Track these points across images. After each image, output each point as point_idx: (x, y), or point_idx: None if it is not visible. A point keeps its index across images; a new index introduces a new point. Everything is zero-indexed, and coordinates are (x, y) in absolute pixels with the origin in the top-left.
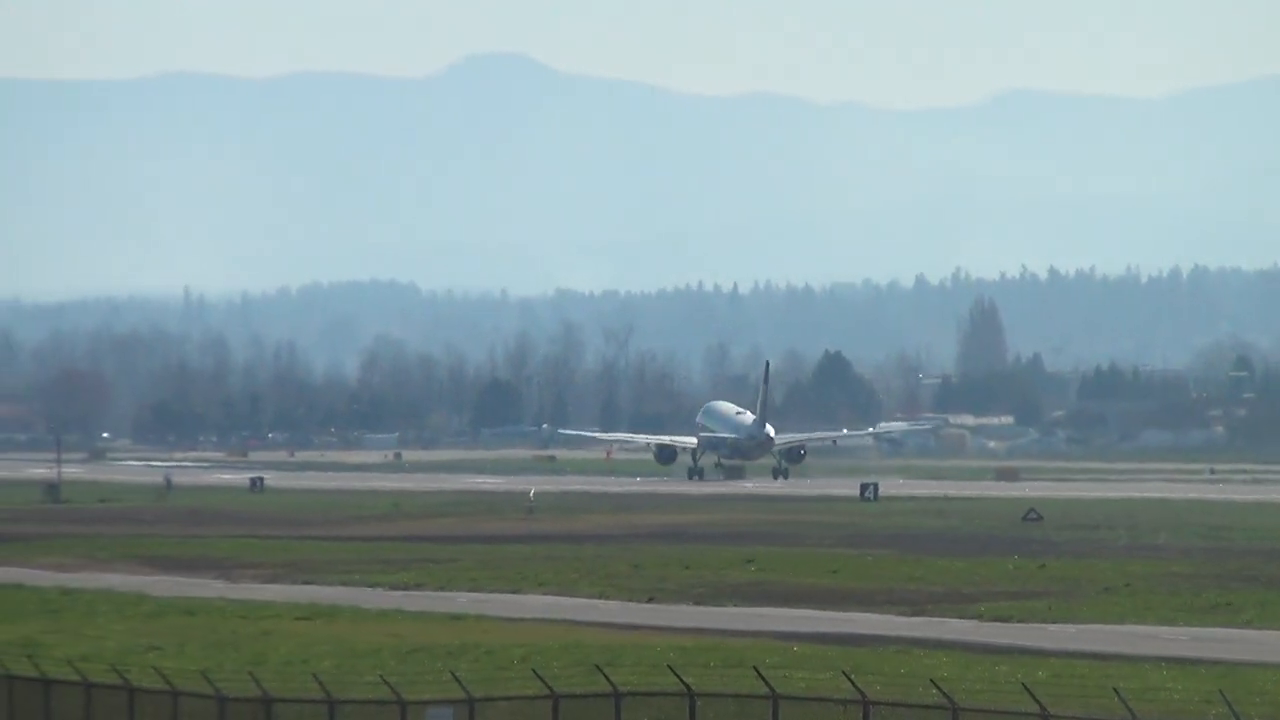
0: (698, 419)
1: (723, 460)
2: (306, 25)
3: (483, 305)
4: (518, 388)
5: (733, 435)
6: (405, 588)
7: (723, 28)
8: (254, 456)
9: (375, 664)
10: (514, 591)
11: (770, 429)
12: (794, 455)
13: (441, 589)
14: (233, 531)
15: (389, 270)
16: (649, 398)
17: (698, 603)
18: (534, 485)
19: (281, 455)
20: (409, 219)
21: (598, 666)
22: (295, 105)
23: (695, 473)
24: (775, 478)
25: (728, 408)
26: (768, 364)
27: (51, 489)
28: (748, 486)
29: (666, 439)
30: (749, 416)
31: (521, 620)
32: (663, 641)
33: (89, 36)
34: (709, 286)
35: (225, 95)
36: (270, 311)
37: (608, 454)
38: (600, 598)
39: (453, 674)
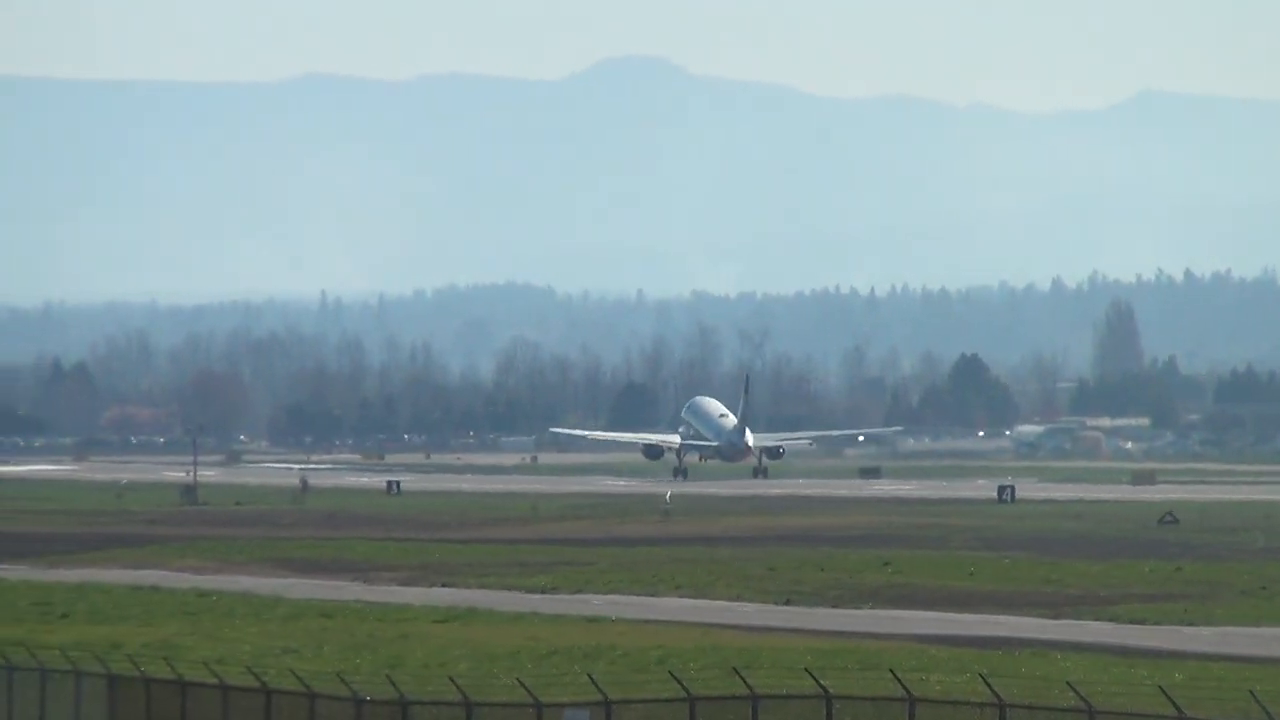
0: (683, 414)
1: (704, 459)
2: (444, 27)
3: (619, 308)
4: (653, 390)
5: (714, 440)
6: (542, 590)
7: (860, 30)
8: (390, 459)
9: (512, 666)
10: (650, 594)
11: (749, 436)
12: (773, 454)
13: (578, 591)
14: (369, 534)
15: (525, 273)
16: (785, 401)
17: (834, 605)
18: (670, 488)
19: (418, 458)
20: (545, 221)
21: (734, 669)
22: (433, 108)
23: (680, 471)
24: (755, 475)
25: (712, 407)
26: (747, 377)
27: (188, 491)
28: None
29: (654, 438)
30: (731, 420)
31: (657, 622)
32: (799, 644)
33: (228, 39)
34: (845, 289)
35: (363, 98)
36: (406, 314)
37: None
38: (736, 600)
39: (589, 676)
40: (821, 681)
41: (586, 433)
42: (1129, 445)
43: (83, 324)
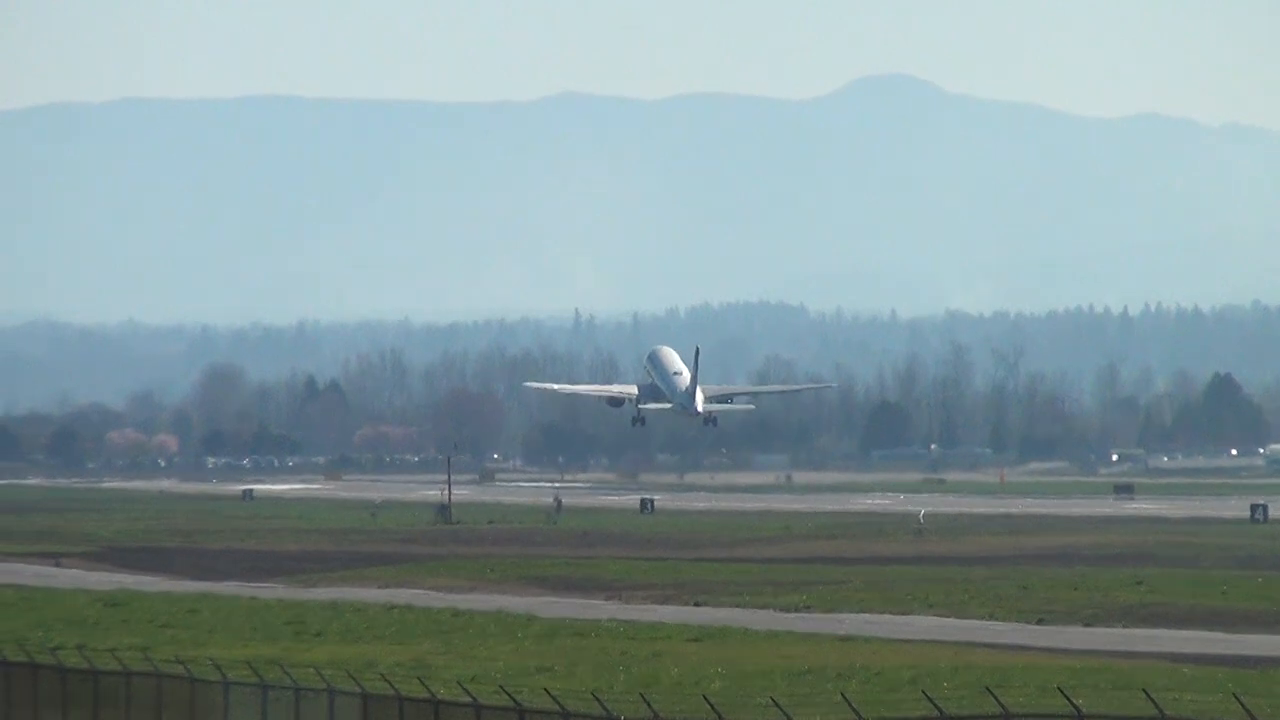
0: (644, 363)
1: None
2: (699, 48)
3: (872, 327)
4: (907, 409)
5: (668, 398)
6: (795, 609)
7: (1112, 49)
8: (644, 478)
9: (765, 685)
10: (903, 613)
11: (699, 401)
12: (725, 399)
13: (831, 610)
14: (623, 553)
15: (778, 291)
16: (1039, 420)
17: (1087, 624)
18: (924, 507)
19: (671, 477)
20: (799, 240)
21: (988, 688)
22: (687, 127)
23: (638, 420)
24: (706, 424)
25: (670, 361)
26: (697, 349)
27: (442, 510)
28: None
29: (616, 390)
30: (685, 379)
31: (911, 642)
32: (1052, 663)
33: (485, 60)
34: (1099, 308)
35: (617, 117)
36: (660, 332)
37: (1000, 477)
38: (989, 619)
39: (842, 695)
40: (1074, 701)
41: (554, 385)
42: None
43: (336, 342)
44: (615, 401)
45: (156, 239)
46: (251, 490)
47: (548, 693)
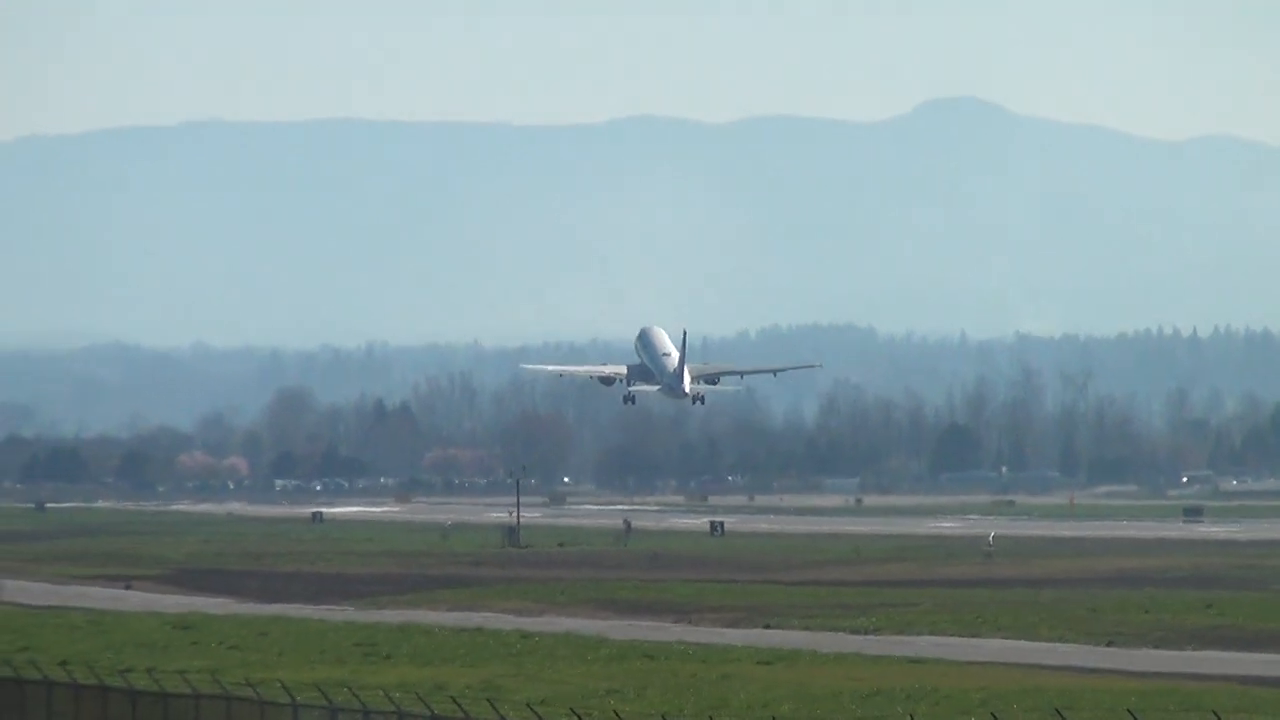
0: (635, 344)
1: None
2: (768, 70)
3: (941, 349)
4: (976, 432)
5: (657, 378)
6: (865, 632)
7: (1180, 71)
8: (713, 500)
9: (834, 708)
10: (972, 635)
11: (686, 382)
12: (712, 379)
13: (900, 633)
14: (692, 576)
15: (847, 313)
16: (1108, 442)
17: (1156, 646)
18: (993, 529)
19: (740, 499)
20: (867, 262)
21: (1057, 710)
22: (756, 149)
23: (628, 398)
24: (694, 401)
25: (660, 341)
26: (684, 331)
27: (511, 533)
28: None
29: (608, 370)
30: (673, 360)
31: (980, 664)
32: (1121, 685)
33: (554, 81)
34: (1168, 330)
35: (687, 139)
36: (729, 355)
37: (1070, 500)
38: (1059, 641)
39: (911, 717)
40: None
41: (549, 366)
42: None
43: (406, 365)
44: (607, 381)
45: (226, 262)
46: (321, 513)
47: (617, 715)
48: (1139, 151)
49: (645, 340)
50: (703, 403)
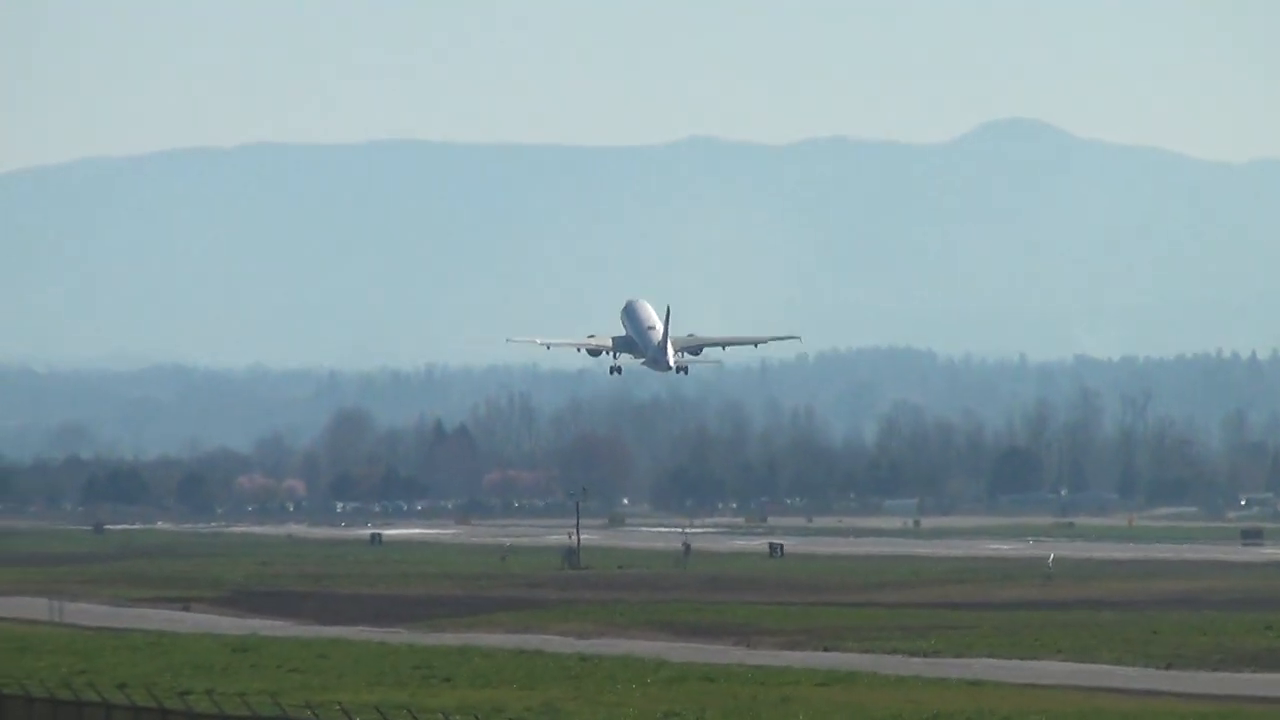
0: (620, 316)
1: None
2: (827, 92)
3: (1001, 371)
4: (1036, 454)
5: (643, 351)
6: (923, 654)
7: (1240, 93)
8: (772, 522)
9: None
10: (1031, 658)
11: (670, 354)
12: (695, 351)
13: (959, 655)
14: (752, 598)
15: (906, 336)
16: (1168, 464)
17: (1216, 669)
18: (1052, 551)
19: (800, 521)
20: (927, 284)
21: None
22: (814, 171)
23: (615, 369)
24: (678, 372)
25: (645, 314)
26: (668, 308)
27: (570, 555)
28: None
29: (594, 342)
30: (657, 333)
31: (1039, 687)
32: (1181, 708)
33: (616, 103)
34: (1227, 353)
35: (745, 161)
36: (788, 377)
37: (1129, 522)
38: (1118, 664)
39: None
40: None
41: (537, 339)
42: None
43: (465, 387)
44: (594, 352)
45: (285, 283)
46: (379, 534)
47: None
48: (1198, 173)
49: (630, 313)
50: (685, 373)
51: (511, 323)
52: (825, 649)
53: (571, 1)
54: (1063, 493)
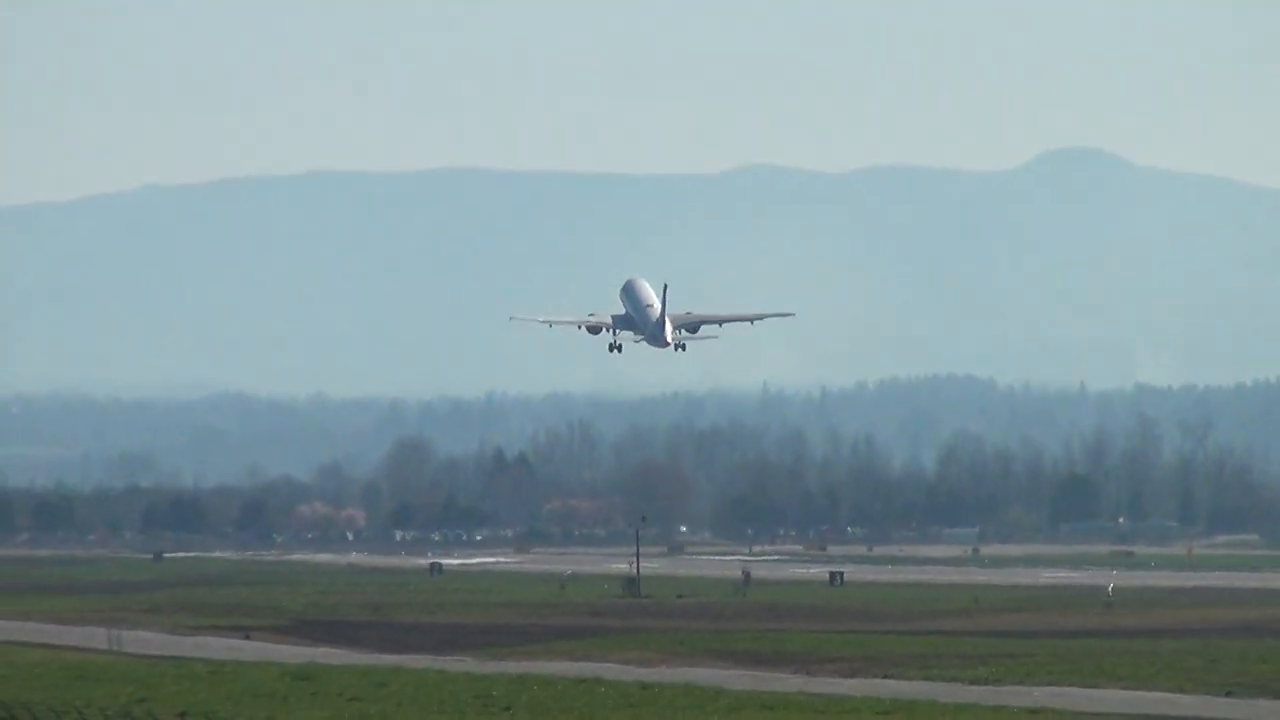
0: (620, 294)
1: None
2: (886, 120)
3: (1060, 399)
4: (1096, 482)
5: (641, 329)
6: (983, 682)
7: None
8: (832, 550)
9: None
10: (1091, 685)
11: (668, 332)
12: (692, 328)
13: (1019, 683)
14: (811, 626)
15: (966, 364)
16: (1228, 493)
17: (1276, 697)
18: (1112, 580)
19: (860, 549)
20: (987, 313)
21: None
22: (872, 199)
23: (615, 347)
24: (676, 349)
25: (643, 293)
26: (665, 285)
27: (630, 583)
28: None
29: (594, 320)
30: (655, 310)
31: (1098, 714)
32: None
33: (667, 132)
34: None
35: (803, 188)
36: (848, 406)
37: (1189, 550)
38: (1177, 692)
39: None
40: None
41: (539, 317)
42: None
43: (525, 415)
44: (594, 330)
45: (345, 312)
46: (440, 563)
47: None
48: (1258, 200)
49: (629, 292)
50: (683, 350)
51: (571, 351)
52: (885, 677)
53: (632, 31)
54: (1122, 521)
